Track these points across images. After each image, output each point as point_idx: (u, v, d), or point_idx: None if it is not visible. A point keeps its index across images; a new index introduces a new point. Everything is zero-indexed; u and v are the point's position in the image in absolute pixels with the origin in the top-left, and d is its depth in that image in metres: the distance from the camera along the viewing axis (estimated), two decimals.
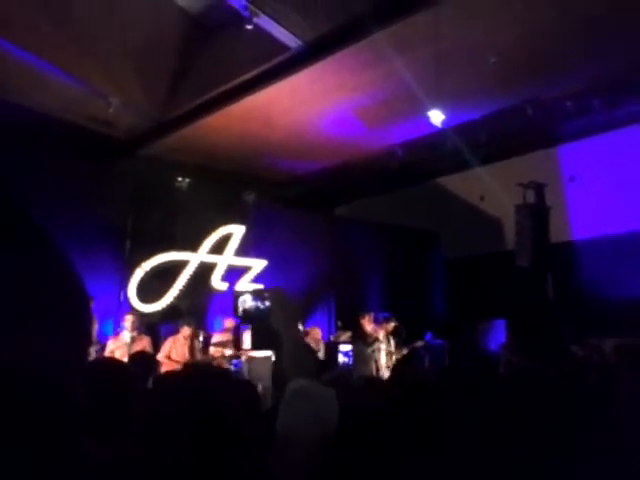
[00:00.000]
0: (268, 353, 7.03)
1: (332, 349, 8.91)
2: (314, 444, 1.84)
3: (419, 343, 9.35)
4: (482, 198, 12.82)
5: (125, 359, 7.26)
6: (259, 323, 2.42)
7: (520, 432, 1.72)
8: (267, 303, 2.31)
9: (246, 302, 2.41)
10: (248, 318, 2.44)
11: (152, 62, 8.54)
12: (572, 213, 11.88)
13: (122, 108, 8.88)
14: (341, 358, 8.41)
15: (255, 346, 2.67)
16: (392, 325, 9.08)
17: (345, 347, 8.64)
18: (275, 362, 7.30)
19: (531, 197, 11.54)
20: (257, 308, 2.38)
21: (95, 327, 8.72)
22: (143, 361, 5.01)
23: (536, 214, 11.33)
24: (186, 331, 8.47)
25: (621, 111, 9.32)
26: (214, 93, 8.80)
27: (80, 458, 0.59)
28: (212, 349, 9.01)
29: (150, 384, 3.90)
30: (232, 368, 7.97)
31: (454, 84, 8.26)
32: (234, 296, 2.51)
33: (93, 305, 8.70)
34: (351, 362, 8.36)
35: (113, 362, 2.72)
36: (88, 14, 7.84)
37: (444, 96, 8.06)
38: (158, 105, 9.17)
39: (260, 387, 6.00)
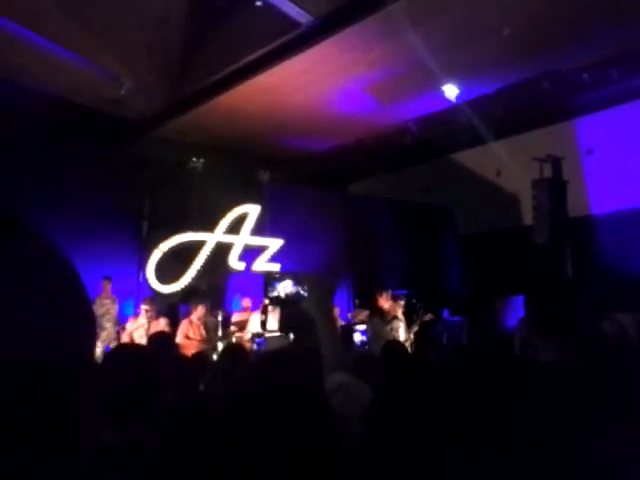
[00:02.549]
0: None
1: (348, 329, 8.92)
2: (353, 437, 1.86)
3: (428, 316, 9.16)
4: (498, 173, 12.68)
5: (144, 339, 7.37)
6: (292, 307, 2.46)
7: (547, 421, 1.68)
8: (306, 288, 2.36)
9: (287, 287, 2.45)
10: (281, 301, 2.48)
11: (163, 42, 8.48)
12: (590, 187, 11.71)
13: (134, 89, 8.88)
14: (358, 337, 8.41)
15: (283, 329, 2.69)
16: (401, 303, 8.92)
17: (361, 326, 8.64)
18: (294, 342, 7.27)
19: (548, 171, 11.39)
20: (297, 293, 2.42)
21: (116, 308, 8.81)
22: (161, 341, 5.07)
23: (553, 189, 11.19)
24: (200, 311, 8.51)
25: (639, 82, 9.12)
26: (225, 72, 8.74)
27: (85, 444, 0.59)
28: (232, 328, 9.09)
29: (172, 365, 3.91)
30: (255, 347, 8.01)
31: (468, 57, 8.13)
32: (266, 278, 2.56)
33: (111, 285, 8.79)
34: (367, 340, 8.34)
35: (136, 349, 2.69)
36: None
37: (458, 70, 7.95)
38: (170, 85, 9.14)
39: None
